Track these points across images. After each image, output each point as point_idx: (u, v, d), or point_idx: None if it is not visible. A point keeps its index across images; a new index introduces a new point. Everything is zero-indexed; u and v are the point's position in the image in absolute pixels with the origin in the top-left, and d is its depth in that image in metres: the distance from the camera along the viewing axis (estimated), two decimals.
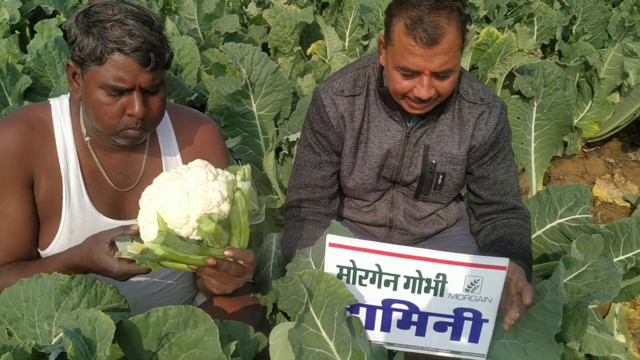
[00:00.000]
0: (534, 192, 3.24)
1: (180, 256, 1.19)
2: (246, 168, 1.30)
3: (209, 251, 1.22)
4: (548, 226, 2.36)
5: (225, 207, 1.21)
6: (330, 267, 1.28)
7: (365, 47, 4.30)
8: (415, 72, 1.54)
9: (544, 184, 3.50)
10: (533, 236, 2.35)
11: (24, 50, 3.77)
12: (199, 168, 1.25)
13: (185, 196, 1.18)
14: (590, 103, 3.81)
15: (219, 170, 1.29)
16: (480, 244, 1.86)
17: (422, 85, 1.55)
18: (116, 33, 1.27)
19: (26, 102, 2.59)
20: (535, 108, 3.18)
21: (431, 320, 1.31)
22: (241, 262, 1.27)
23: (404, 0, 1.54)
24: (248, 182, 1.26)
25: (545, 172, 3.45)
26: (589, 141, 4.09)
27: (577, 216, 2.30)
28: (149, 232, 1.21)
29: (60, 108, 1.49)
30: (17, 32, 3.93)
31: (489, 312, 1.28)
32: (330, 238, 1.26)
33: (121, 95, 1.33)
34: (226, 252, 1.23)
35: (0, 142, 1.40)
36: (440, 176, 1.79)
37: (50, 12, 4.57)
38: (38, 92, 2.75)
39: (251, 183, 1.29)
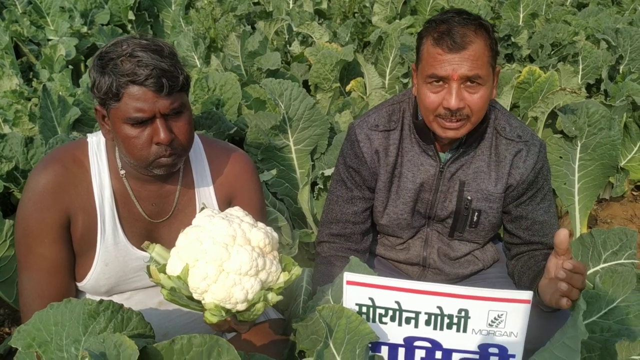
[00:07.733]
0: (578, 235, 3.11)
1: (182, 304, 1.22)
2: (297, 269, 1.27)
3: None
4: (591, 270, 2.24)
5: (241, 307, 1.20)
6: (349, 305, 1.26)
7: (405, 85, 4.31)
8: (444, 79, 1.53)
9: (589, 227, 3.36)
10: None
11: (77, 84, 3.95)
12: (249, 252, 1.20)
13: (217, 274, 1.18)
14: (638, 144, 3.69)
15: (272, 259, 1.25)
16: (516, 271, 1.80)
17: (450, 93, 1.53)
18: (127, 66, 1.31)
19: (74, 133, 2.70)
20: (579, 148, 3.08)
21: (456, 357, 1.28)
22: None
23: (432, 20, 1.59)
24: (280, 297, 1.24)
25: (591, 215, 3.31)
26: (639, 184, 3.93)
27: (622, 261, 2.18)
28: (172, 267, 1.22)
29: (97, 144, 1.54)
30: (70, 67, 4.14)
31: (515, 348, 1.24)
32: (348, 276, 1.25)
33: (145, 125, 1.36)
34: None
35: (36, 186, 1.45)
36: (476, 213, 1.75)
37: None
38: (86, 124, 2.86)
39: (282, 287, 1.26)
